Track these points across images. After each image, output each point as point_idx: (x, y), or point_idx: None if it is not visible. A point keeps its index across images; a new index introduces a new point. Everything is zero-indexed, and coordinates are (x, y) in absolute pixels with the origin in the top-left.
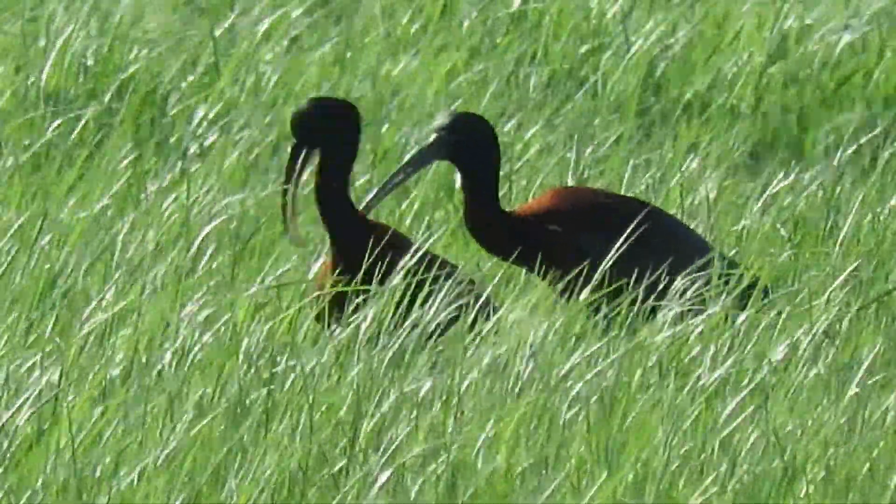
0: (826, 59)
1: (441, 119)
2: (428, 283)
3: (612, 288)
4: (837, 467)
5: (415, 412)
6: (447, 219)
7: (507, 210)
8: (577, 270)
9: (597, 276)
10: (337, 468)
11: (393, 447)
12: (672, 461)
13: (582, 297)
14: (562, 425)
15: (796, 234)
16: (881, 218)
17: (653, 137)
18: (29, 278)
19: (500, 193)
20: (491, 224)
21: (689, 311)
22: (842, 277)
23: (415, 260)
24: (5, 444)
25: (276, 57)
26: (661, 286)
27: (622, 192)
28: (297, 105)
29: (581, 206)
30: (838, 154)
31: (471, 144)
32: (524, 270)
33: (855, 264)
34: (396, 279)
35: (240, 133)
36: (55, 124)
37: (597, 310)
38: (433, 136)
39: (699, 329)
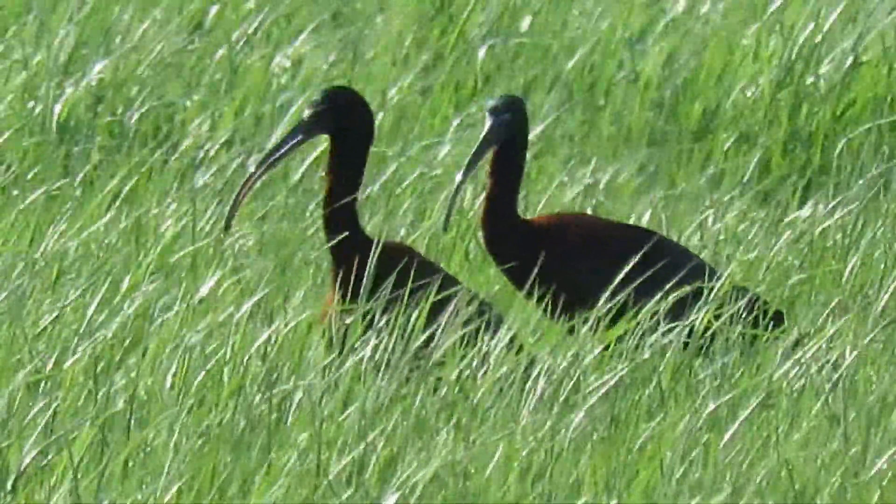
0: (836, 82)
1: (492, 102)
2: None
3: (611, 313)
4: (848, 498)
5: (424, 438)
6: (456, 244)
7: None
8: (576, 298)
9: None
10: (345, 497)
11: (403, 475)
12: (682, 492)
13: (584, 322)
14: (570, 451)
15: (808, 260)
16: (893, 245)
17: (662, 163)
18: (32, 304)
19: None
20: (506, 224)
21: (700, 337)
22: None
23: (423, 282)
24: (8, 475)
25: (284, 80)
26: (667, 314)
27: (631, 219)
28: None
29: (586, 234)
30: (850, 178)
31: (518, 127)
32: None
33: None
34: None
35: (247, 158)
36: (62, 150)
37: (600, 335)
38: (491, 120)
39: (707, 354)
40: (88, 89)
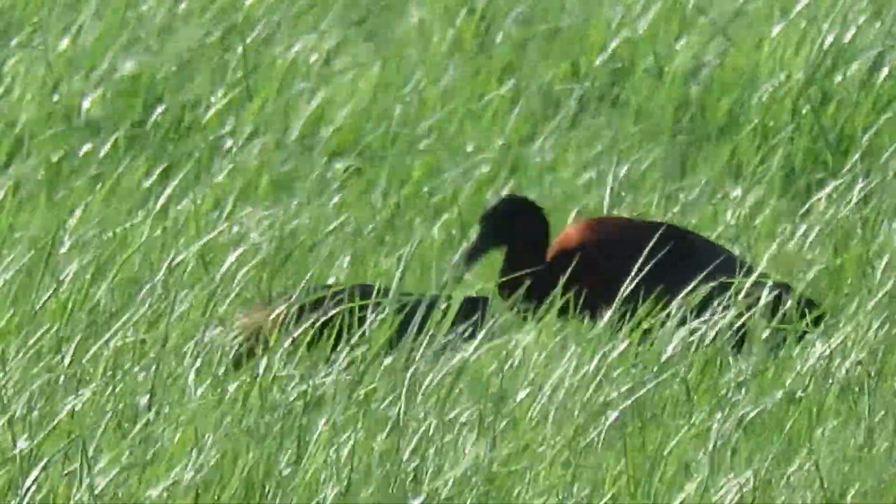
0: (863, 79)
1: (489, 204)
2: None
3: (642, 312)
4: (881, 500)
5: (451, 441)
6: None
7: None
8: (608, 297)
9: (620, 299)
10: (372, 496)
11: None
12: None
13: (610, 320)
14: (597, 450)
15: (834, 255)
16: None
17: (688, 158)
18: (52, 298)
19: None
20: (522, 286)
21: (728, 333)
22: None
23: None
24: (28, 470)
25: (308, 73)
26: (697, 310)
27: (657, 215)
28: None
29: (614, 237)
30: (876, 174)
31: (519, 227)
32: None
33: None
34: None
35: (270, 152)
36: (84, 141)
37: (631, 334)
38: (482, 226)
39: (737, 353)
40: (112, 81)
